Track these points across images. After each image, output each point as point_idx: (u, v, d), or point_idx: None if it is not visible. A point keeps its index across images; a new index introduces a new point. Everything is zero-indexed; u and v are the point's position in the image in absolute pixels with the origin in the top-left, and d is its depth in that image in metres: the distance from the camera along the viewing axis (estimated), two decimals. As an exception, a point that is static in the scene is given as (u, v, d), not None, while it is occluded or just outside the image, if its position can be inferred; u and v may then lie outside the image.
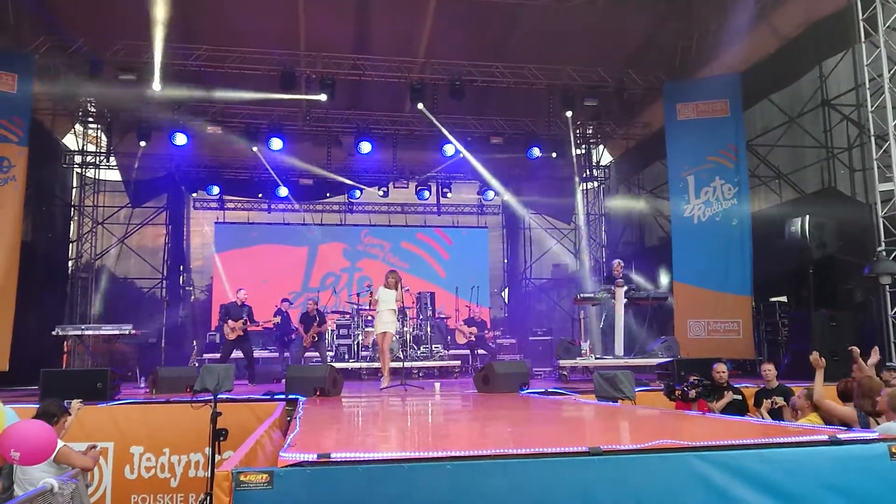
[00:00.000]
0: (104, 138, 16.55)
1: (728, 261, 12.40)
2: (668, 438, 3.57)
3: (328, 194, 18.93)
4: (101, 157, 16.66)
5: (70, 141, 16.34)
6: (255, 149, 15.24)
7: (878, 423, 5.18)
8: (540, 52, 13.75)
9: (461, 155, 16.01)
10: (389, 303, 9.88)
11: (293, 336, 13.24)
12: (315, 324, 12.26)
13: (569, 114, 14.53)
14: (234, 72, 13.36)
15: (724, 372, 7.80)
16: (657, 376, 9.90)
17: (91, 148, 16.76)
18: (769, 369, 7.70)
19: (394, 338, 12.22)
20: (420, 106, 13.93)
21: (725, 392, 7.61)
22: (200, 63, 13.18)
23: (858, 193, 10.84)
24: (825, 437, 3.63)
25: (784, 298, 12.34)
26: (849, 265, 10.49)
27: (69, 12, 12.31)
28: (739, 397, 7.64)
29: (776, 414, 6.97)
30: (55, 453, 5.10)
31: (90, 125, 16.43)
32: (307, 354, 12.64)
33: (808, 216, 10.49)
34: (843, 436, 3.64)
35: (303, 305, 12.83)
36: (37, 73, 12.35)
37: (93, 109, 15.80)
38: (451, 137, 15.22)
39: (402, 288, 10.21)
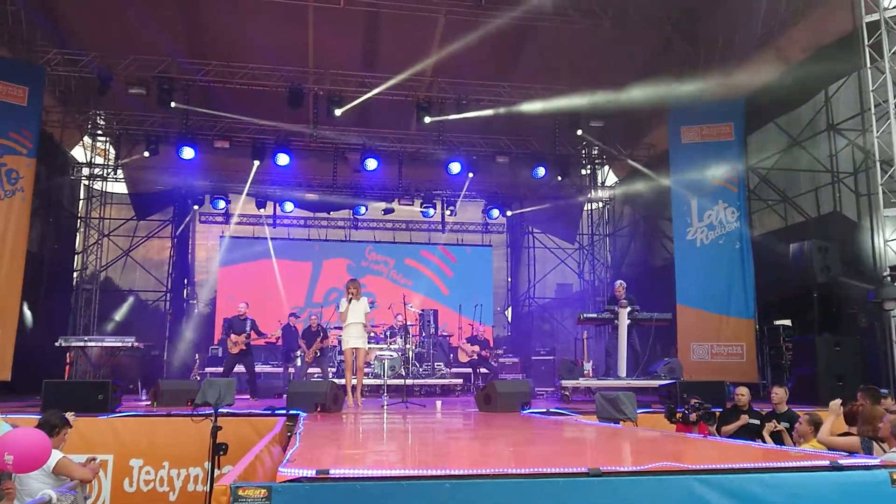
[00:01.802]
0: (112, 151, 16.69)
1: (731, 284, 12.40)
2: (669, 461, 3.55)
3: (330, 212, 18.96)
4: (109, 170, 16.76)
5: (78, 153, 16.45)
6: (256, 162, 15.24)
7: (883, 448, 5.18)
8: (546, 73, 13.84)
9: (470, 175, 16.03)
10: (358, 315, 9.34)
11: (298, 352, 13.23)
12: (318, 339, 12.26)
13: (579, 132, 14.55)
14: (242, 87, 13.49)
15: (743, 395, 7.75)
16: (659, 398, 9.86)
17: (99, 160, 16.86)
18: (777, 393, 7.64)
19: (394, 354, 12.19)
20: (427, 119, 14.00)
21: (741, 416, 7.55)
22: (209, 79, 13.30)
23: (864, 218, 10.83)
24: (826, 463, 3.61)
25: (788, 322, 12.30)
26: (853, 289, 10.47)
27: (80, 27, 12.47)
28: (756, 422, 7.45)
29: (777, 438, 6.94)
30: (55, 464, 5.10)
31: (99, 138, 16.56)
32: (309, 370, 12.63)
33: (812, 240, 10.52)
34: (844, 461, 3.62)
35: (306, 321, 12.83)
36: (47, 85, 12.49)
37: (102, 122, 15.93)
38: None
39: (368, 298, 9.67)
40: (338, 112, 13.65)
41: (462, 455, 5.14)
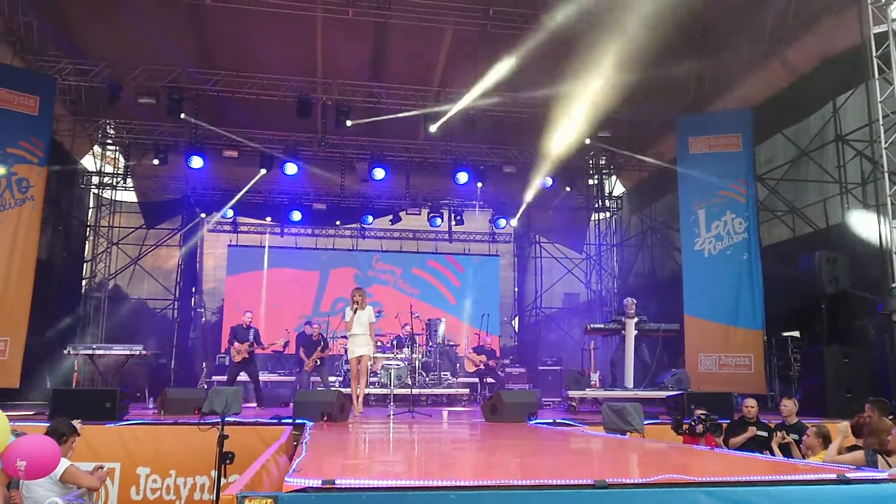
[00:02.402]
0: (122, 160, 16.81)
1: (739, 295, 12.36)
2: (676, 473, 3.54)
3: (338, 222, 18.95)
4: (118, 179, 16.87)
5: (88, 162, 16.57)
6: (262, 171, 15.25)
7: (888, 462, 5.14)
8: (553, 82, 13.85)
9: (480, 185, 16.03)
10: (362, 326, 9.33)
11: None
12: (318, 348, 12.28)
13: (587, 141, 14.48)
14: (251, 97, 13.57)
15: (752, 407, 7.71)
16: (666, 409, 9.83)
17: (109, 169, 16.98)
18: (787, 405, 7.60)
19: (401, 364, 12.19)
20: (432, 128, 14.03)
21: (749, 428, 7.52)
22: (218, 88, 13.38)
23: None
24: (834, 476, 3.58)
25: (797, 333, 12.25)
26: (862, 301, 10.43)
27: (91, 37, 12.59)
28: (764, 434, 7.42)
29: (785, 450, 6.90)
30: (62, 472, 5.12)
31: (108, 147, 16.67)
32: (311, 380, 12.63)
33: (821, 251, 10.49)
34: (851, 475, 3.59)
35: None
36: (58, 95, 12.59)
37: (112, 131, 16.05)
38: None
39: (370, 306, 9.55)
40: (349, 123, 13.74)
41: (468, 466, 5.13)
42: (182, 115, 13.25)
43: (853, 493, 3.45)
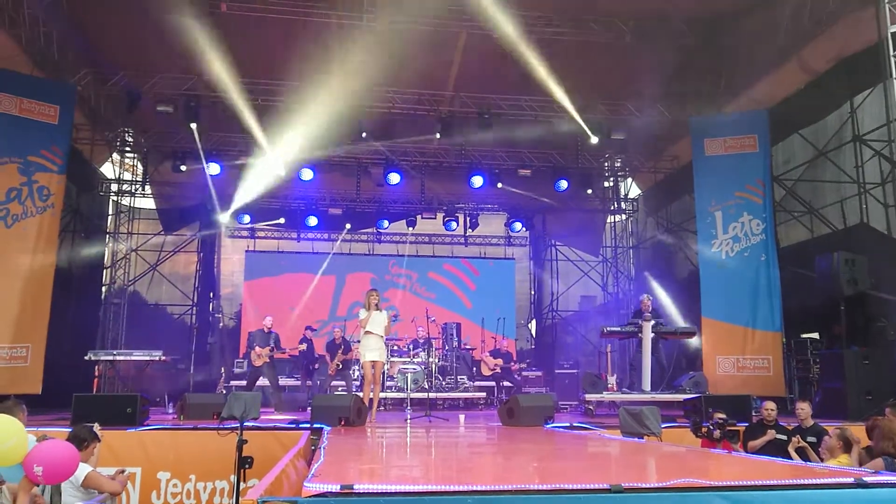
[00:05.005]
0: (140, 167, 16.97)
1: (757, 297, 12.27)
2: (692, 477, 3.54)
3: (348, 225, 18.90)
4: (137, 186, 17.03)
5: (107, 169, 16.75)
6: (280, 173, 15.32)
7: None
8: (568, 86, 13.83)
9: (500, 186, 16.03)
10: (377, 327, 9.26)
11: (317, 365, 13.31)
12: (340, 351, 12.33)
13: (594, 140, 14.38)
14: (266, 104, 13.66)
15: (772, 410, 7.68)
16: (684, 413, 9.79)
17: (127, 176, 17.15)
18: (803, 408, 7.57)
19: (418, 368, 12.22)
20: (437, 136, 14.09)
21: (768, 431, 7.48)
22: (235, 95, 13.45)
23: (892, 229, 10.69)
24: (851, 480, 3.57)
25: (816, 335, 12.15)
26: (882, 302, 10.33)
27: (110, 46, 12.72)
28: (783, 437, 7.39)
29: (801, 454, 6.86)
30: (83, 478, 5.18)
31: (127, 154, 16.85)
32: (333, 383, 12.69)
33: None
34: (869, 479, 3.57)
35: (329, 334, 12.92)
36: (77, 103, 12.75)
37: (130, 139, 16.21)
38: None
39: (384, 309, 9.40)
40: (363, 135, 13.83)
41: (485, 470, 5.14)
42: (193, 126, 13.34)
43: (872, 497, 3.43)
